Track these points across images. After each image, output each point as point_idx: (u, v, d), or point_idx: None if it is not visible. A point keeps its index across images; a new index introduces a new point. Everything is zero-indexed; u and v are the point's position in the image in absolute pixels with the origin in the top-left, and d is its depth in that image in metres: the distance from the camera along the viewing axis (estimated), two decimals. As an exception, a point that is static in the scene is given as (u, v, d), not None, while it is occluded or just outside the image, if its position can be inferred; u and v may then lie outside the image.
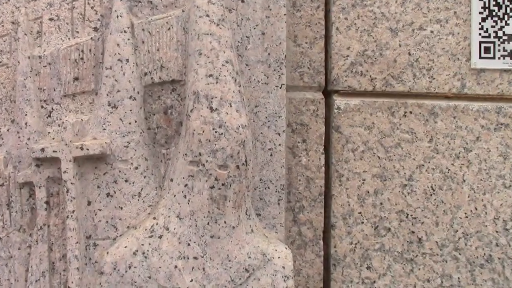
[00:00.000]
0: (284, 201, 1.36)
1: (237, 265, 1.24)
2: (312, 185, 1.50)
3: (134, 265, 1.23)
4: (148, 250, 1.23)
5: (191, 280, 1.22)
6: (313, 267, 1.51)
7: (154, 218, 1.26)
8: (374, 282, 1.51)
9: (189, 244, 1.23)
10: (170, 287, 1.21)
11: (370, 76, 1.51)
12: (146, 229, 1.25)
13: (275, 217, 1.35)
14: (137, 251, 1.24)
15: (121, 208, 1.26)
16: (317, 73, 1.51)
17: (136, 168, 1.27)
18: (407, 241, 1.52)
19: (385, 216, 1.52)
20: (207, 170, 1.22)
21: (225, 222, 1.23)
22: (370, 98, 1.51)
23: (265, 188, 1.35)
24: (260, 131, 1.34)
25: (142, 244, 1.24)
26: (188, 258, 1.23)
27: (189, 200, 1.23)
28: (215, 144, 1.21)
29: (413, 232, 1.52)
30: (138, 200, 1.27)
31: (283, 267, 1.27)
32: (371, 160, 1.51)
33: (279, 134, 1.35)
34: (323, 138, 1.49)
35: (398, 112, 1.52)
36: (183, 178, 1.24)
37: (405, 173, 1.52)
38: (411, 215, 1.52)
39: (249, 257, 1.25)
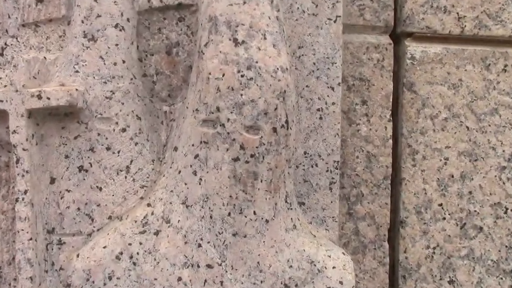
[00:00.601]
0: (337, 185, 0.96)
1: (273, 278, 0.83)
2: (374, 164, 1.08)
3: (117, 275, 0.82)
4: (138, 253, 0.82)
5: (203, 300, 0.81)
6: (375, 279, 1.09)
7: (149, 205, 0.85)
8: (459, 301, 1.09)
9: (200, 245, 0.82)
10: (170, 310, 0.81)
11: (457, 13, 1.09)
12: (136, 221, 0.84)
13: (325, 207, 0.95)
14: (122, 254, 0.83)
15: (100, 189, 0.86)
16: (384, 8, 1.09)
17: (124, 130, 0.86)
18: (506, 246, 1.10)
19: (475, 211, 1.10)
20: (228, 133, 0.81)
21: (254, 213, 0.82)
22: (457, 45, 1.12)
23: (312, 166, 0.94)
24: (305, 84, 0.95)
25: (130, 244, 0.83)
26: (198, 267, 0.82)
27: (201, 179, 0.82)
28: (241, 95, 0.80)
29: (514, 233, 1.10)
30: (125, 177, 0.86)
31: (341, 282, 0.85)
32: (456, 132, 1.10)
33: (332, 89, 0.95)
34: (391, 100, 1.11)
35: (495, 66, 1.11)
36: (193, 145, 0.83)
37: (504, 151, 1.10)
38: (512, 210, 1.10)
39: (291, 266, 0.84)
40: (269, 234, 0.83)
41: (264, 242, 0.82)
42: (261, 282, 0.82)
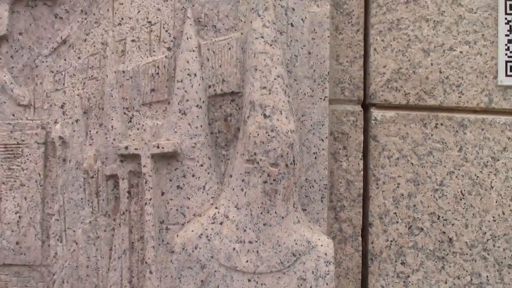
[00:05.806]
0: (326, 199, 1.53)
1: (286, 250, 1.43)
2: (351, 187, 1.64)
3: (199, 246, 1.43)
4: (211, 234, 1.43)
5: (247, 261, 1.42)
6: (353, 261, 1.66)
7: (216, 208, 1.46)
8: (408, 276, 1.62)
9: (245, 230, 1.43)
10: (229, 266, 1.41)
11: (404, 91, 1.60)
12: (209, 217, 1.45)
13: (318, 212, 1.52)
14: (202, 234, 1.44)
15: (189, 198, 1.42)
16: (357, 88, 1.61)
17: (201, 165, 1.46)
18: (439, 241, 1.57)
19: (418, 217, 1.61)
20: (261, 167, 1.40)
21: (275, 212, 1.42)
22: (404, 111, 1.60)
23: (310, 187, 1.52)
24: (306, 137, 1.48)
25: (206, 229, 1.44)
26: (244, 242, 1.42)
27: (245, 193, 1.42)
28: (268, 146, 1.39)
29: (444, 232, 1.57)
30: (202, 192, 1.42)
31: (325, 254, 1.45)
32: (405, 166, 1.63)
33: (322, 140, 1.49)
34: (362, 146, 1.59)
35: (430, 124, 1.60)
36: (241, 174, 1.44)
37: (436, 179, 1.60)
38: (442, 217, 1.57)
39: (296, 243, 1.44)
40: (284, 224, 1.43)
41: (281, 229, 1.43)
42: (279, 251, 1.42)
